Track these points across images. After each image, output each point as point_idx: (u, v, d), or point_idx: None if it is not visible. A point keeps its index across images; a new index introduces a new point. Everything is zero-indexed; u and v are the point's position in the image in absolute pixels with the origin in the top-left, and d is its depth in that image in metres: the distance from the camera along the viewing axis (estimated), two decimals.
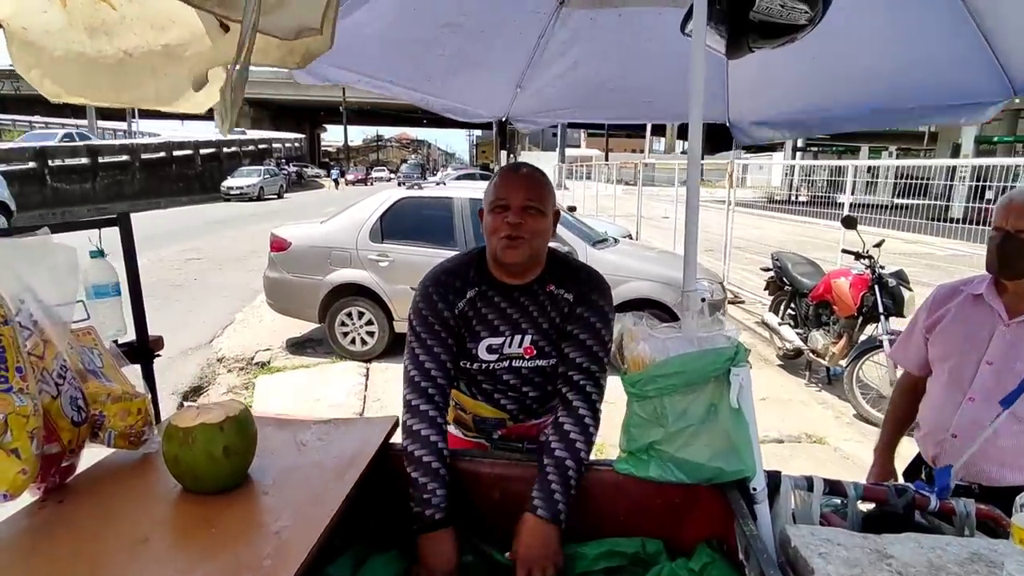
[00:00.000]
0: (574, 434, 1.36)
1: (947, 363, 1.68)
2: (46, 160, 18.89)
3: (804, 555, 1.06)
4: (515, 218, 1.36)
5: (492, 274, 1.47)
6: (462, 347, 1.48)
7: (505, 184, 1.40)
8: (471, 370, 1.51)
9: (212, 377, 5.31)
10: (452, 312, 1.43)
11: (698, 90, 1.30)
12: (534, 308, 1.46)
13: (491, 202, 1.41)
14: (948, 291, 1.75)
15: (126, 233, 1.43)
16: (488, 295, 1.45)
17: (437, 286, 1.45)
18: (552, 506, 1.28)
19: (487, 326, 1.46)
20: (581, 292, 1.47)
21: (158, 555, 0.99)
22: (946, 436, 1.64)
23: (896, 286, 4.30)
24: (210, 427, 1.14)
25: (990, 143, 19.38)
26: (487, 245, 1.45)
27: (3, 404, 0.99)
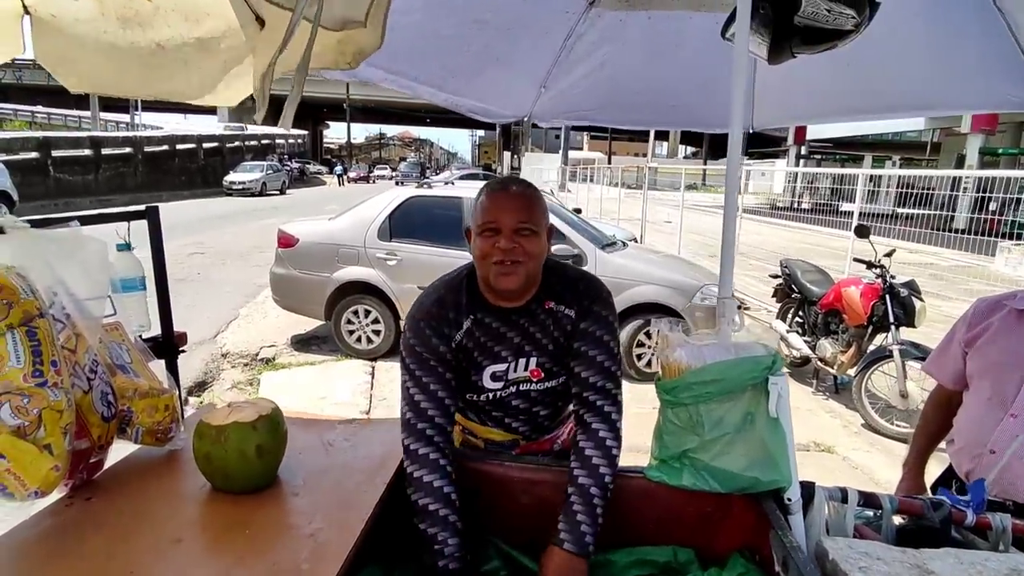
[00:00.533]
0: (596, 459, 1.29)
1: (988, 378, 1.65)
2: (49, 150, 18.84)
3: (844, 568, 1.05)
4: (507, 243, 1.26)
5: (485, 298, 1.36)
6: (465, 380, 1.40)
7: (494, 205, 1.29)
8: (479, 402, 1.44)
9: (216, 373, 5.28)
10: (449, 346, 1.32)
11: (739, 96, 1.29)
12: (535, 329, 1.37)
13: (480, 225, 1.29)
14: (990, 305, 1.71)
15: (154, 227, 1.41)
16: (485, 322, 1.36)
17: (429, 319, 1.33)
18: (579, 539, 1.22)
19: (487, 354, 1.37)
20: (583, 306, 1.38)
21: (193, 557, 0.98)
22: (983, 451, 1.61)
23: (908, 296, 4.29)
24: (243, 425, 1.12)
25: (994, 155, 19.39)
26: (478, 269, 1.34)
27: (38, 399, 0.98)
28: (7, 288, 0.99)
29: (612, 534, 1.32)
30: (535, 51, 2.15)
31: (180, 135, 27.88)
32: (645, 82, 2.30)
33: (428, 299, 1.37)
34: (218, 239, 12.65)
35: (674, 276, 5.35)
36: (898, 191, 8.10)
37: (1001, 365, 1.62)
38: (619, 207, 14.56)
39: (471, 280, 1.38)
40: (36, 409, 0.97)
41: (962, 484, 1.66)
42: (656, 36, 2.02)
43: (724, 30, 1.42)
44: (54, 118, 35.34)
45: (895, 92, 2.01)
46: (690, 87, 2.25)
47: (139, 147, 23.45)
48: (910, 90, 2.05)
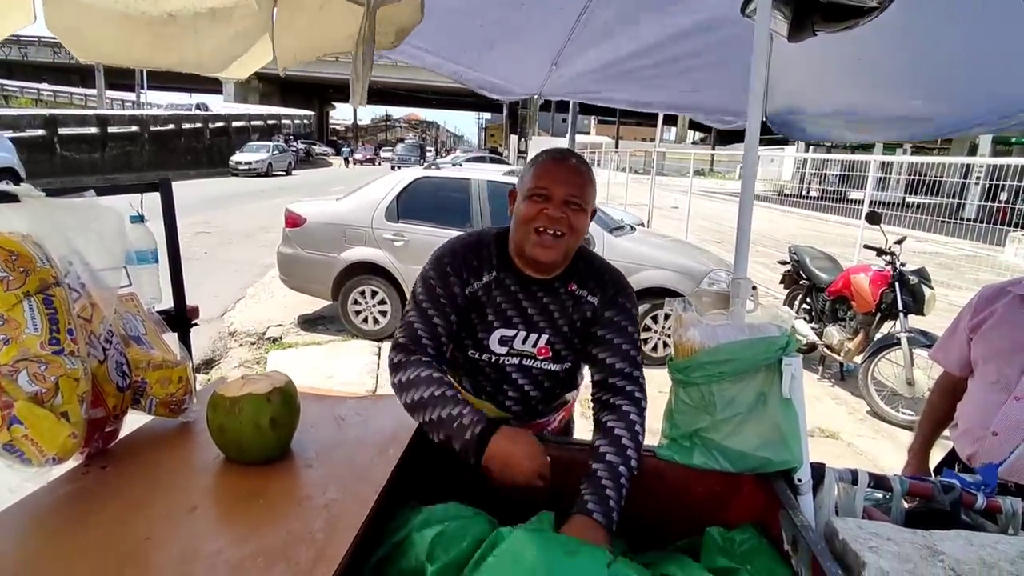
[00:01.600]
0: (625, 439, 1.26)
1: (992, 363, 1.67)
2: (56, 128, 18.83)
3: (854, 548, 1.05)
4: (556, 212, 1.24)
5: (514, 262, 1.35)
6: (472, 335, 1.38)
7: (549, 172, 1.28)
8: (479, 361, 1.40)
9: (224, 351, 5.31)
10: (463, 291, 1.32)
11: (761, 71, 1.27)
12: (555, 307, 1.36)
13: (529, 189, 1.27)
14: (994, 292, 1.73)
15: (167, 199, 1.41)
16: (505, 283, 1.34)
17: (454, 258, 1.33)
18: (608, 512, 1.16)
19: (500, 316, 1.35)
20: (607, 295, 1.37)
21: (209, 525, 0.99)
22: (986, 434, 1.63)
23: (918, 284, 4.26)
24: (257, 397, 1.13)
25: (1007, 144, 19.15)
26: (514, 232, 1.32)
27: (55, 367, 0.98)
28: (24, 256, 0.99)
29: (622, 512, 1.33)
30: (548, 27, 2.11)
31: (186, 114, 27.81)
32: (660, 64, 2.26)
33: (458, 241, 1.38)
34: (225, 219, 12.67)
35: (682, 260, 5.33)
36: (908, 179, 8.01)
37: (1005, 350, 1.64)
38: (626, 192, 14.48)
39: (502, 240, 1.37)
40: (53, 376, 0.97)
41: (965, 467, 1.68)
42: (671, 16, 1.99)
43: (744, 6, 1.39)
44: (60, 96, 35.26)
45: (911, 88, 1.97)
46: (706, 68, 2.21)
47: (145, 126, 23.42)
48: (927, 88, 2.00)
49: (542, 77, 2.43)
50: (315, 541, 0.93)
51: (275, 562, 0.88)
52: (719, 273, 5.19)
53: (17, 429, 0.94)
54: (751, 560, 1.13)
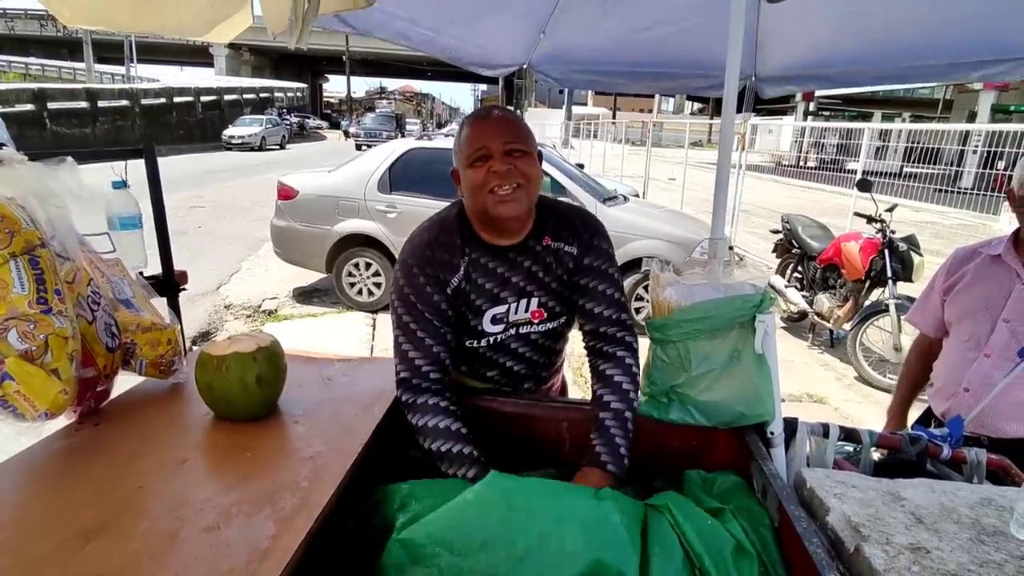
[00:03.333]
0: (626, 384, 1.31)
1: (964, 322, 1.71)
2: (45, 102, 18.58)
3: (820, 495, 1.10)
4: (502, 165, 1.20)
5: (481, 237, 1.30)
6: (464, 326, 1.33)
7: (479, 132, 1.23)
8: (479, 348, 1.38)
9: (220, 323, 5.35)
10: (445, 294, 1.27)
11: (737, 33, 1.27)
12: (537, 267, 1.33)
13: (467, 156, 1.22)
14: (967, 253, 1.76)
15: (151, 164, 1.42)
16: (481, 262, 1.29)
17: (424, 265, 1.26)
18: (619, 461, 1.22)
19: (487, 296, 1.31)
20: (583, 241, 1.36)
21: (198, 476, 1.02)
22: (958, 390, 1.68)
23: (907, 250, 4.29)
24: (243, 356, 1.16)
25: (1006, 112, 19.00)
26: (470, 204, 1.27)
27: (44, 325, 1.01)
28: (8, 218, 1.01)
29: None
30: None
31: (177, 87, 27.40)
32: (648, 29, 2.25)
33: (420, 240, 1.30)
34: (218, 193, 12.60)
35: (675, 230, 5.34)
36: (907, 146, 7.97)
37: (976, 309, 1.68)
38: (623, 164, 14.40)
39: (462, 219, 1.32)
40: (42, 335, 1.00)
41: (940, 424, 1.73)
42: None
43: None
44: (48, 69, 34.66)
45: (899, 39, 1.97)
46: (695, 35, 2.20)
47: (136, 100, 23.09)
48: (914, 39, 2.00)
49: (530, 46, 2.41)
50: (300, 489, 0.97)
51: (261, 507, 0.92)
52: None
53: (9, 385, 0.97)
54: (730, 500, 1.18)
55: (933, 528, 0.99)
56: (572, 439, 1.42)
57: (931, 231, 7.73)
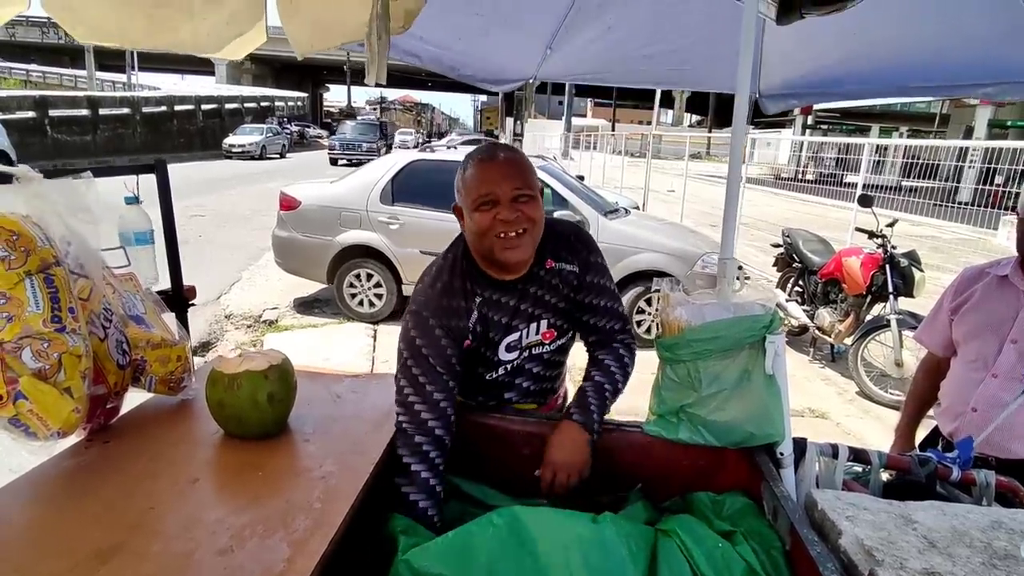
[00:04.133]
0: (613, 367, 1.40)
1: (972, 342, 1.71)
2: (46, 110, 18.62)
3: (832, 518, 1.09)
4: (509, 213, 1.20)
5: (488, 275, 1.31)
6: (481, 360, 1.35)
7: (486, 176, 1.22)
8: (497, 378, 1.40)
9: (220, 334, 5.34)
10: (459, 346, 1.27)
11: (747, 56, 1.28)
12: (543, 291, 1.36)
13: (474, 200, 1.22)
14: (974, 273, 1.77)
15: (163, 180, 1.43)
16: (492, 299, 1.31)
17: (440, 316, 1.25)
18: (588, 416, 1.30)
19: (499, 328, 1.33)
20: (582, 259, 1.39)
21: (210, 495, 1.02)
22: (966, 410, 1.68)
23: (908, 266, 4.31)
24: (255, 374, 1.16)
25: (1003, 127, 19.15)
26: (476, 245, 1.28)
27: (57, 344, 1.01)
28: (24, 236, 1.02)
29: (611, 486, 1.38)
30: (542, 11, 2.12)
31: (178, 96, 27.49)
32: (652, 46, 2.28)
33: (432, 291, 1.29)
34: (219, 202, 12.60)
35: (676, 243, 5.36)
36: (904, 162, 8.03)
37: (984, 329, 1.68)
38: (622, 175, 14.45)
39: (468, 259, 1.32)
40: (56, 353, 1.00)
41: (948, 443, 1.73)
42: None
43: None
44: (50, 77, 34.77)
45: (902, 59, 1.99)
46: (698, 51, 2.22)
47: (137, 107, 23.15)
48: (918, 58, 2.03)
49: (537, 62, 2.44)
50: (313, 510, 0.97)
51: (274, 529, 0.92)
52: (712, 256, 5.22)
53: (22, 404, 0.97)
54: (740, 522, 1.17)
55: (946, 552, 0.99)
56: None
57: (930, 245, 7.77)
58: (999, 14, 1.63)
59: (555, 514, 1.02)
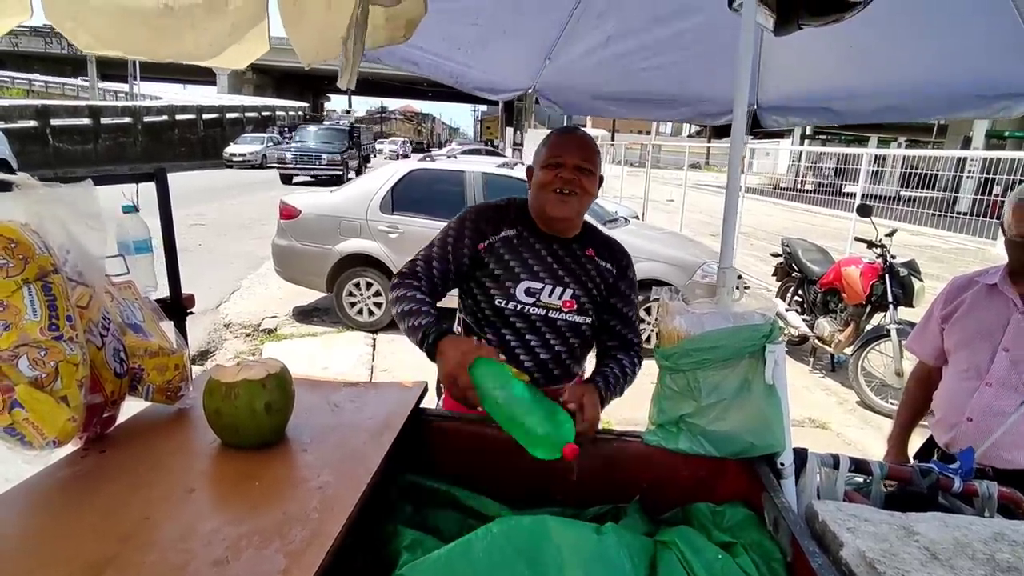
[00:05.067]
0: (627, 366, 1.53)
1: (963, 351, 1.73)
2: (48, 119, 18.69)
3: (833, 529, 1.09)
4: (569, 175, 1.43)
5: (535, 223, 1.53)
6: (498, 283, 1.50)
7: (560, 144, 1.47)
8: (506, 310, 1.51)
9: (219, 342, 5.33)
10: (475, 244, 1.50)
11: (745, 65, 1.29)
12: (576, 266, 1.53)
13: (544, 159, 1.46)
14: (964, 282, 1.79)
15: (162, 188, 1.43)
16: (527, 239, 1.51)
17: (476, 216, 1.53)
18: (606, 382, 1.44)
19: (526, 269, 1.50)
20: (621, 266, 1.58)
21: (207, 505, 1.01)
22: (961, 420, 1.69)
23: (907, 276, 4.31)
24: (253, 383, 1.15)
25: (1000, 137, 19.25)
26: (534, 199, 1.51)
27: (55, 352, 1.00)
28: (23, 244, 1.01)
29: (611, 495, 1.37)
30: (542, 21, 2.13)
31: (180, 105, 27.62)
32: (650, 59, 2.29)
33: (484, 204, 1.59)
34: (219, 210, 12.63)
35: (675, 253, 5.36)
36: (902, 172, 8.06)
37: (974, 338, 1.70)
38: (622, 185, 14.50)
39: (524, 205, 1.57)
40: (53, 362, 0.99)
41: (943, 453, 1.72)
42: (663, 11, 2.01)
43: (731, 1, 1.41)
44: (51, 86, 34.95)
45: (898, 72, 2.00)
46: (696, 64, 2.24)
47: (138, 117, 23.25)
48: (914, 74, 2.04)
49: (535, 71, 2.44)
50: (310, 521, 0.96)
51: (271, 540, 0.91)
52: (712, 265, 5.23)
53: (18, 412, 0.96)
54: (740, 534, 1.16)
55: (948, 564, 0.98)
56: (580, 468, 1.40)
57: (930, 255, 7.77)
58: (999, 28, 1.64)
59: (557, 524, 1.01)
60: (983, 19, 1.71)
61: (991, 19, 1.67)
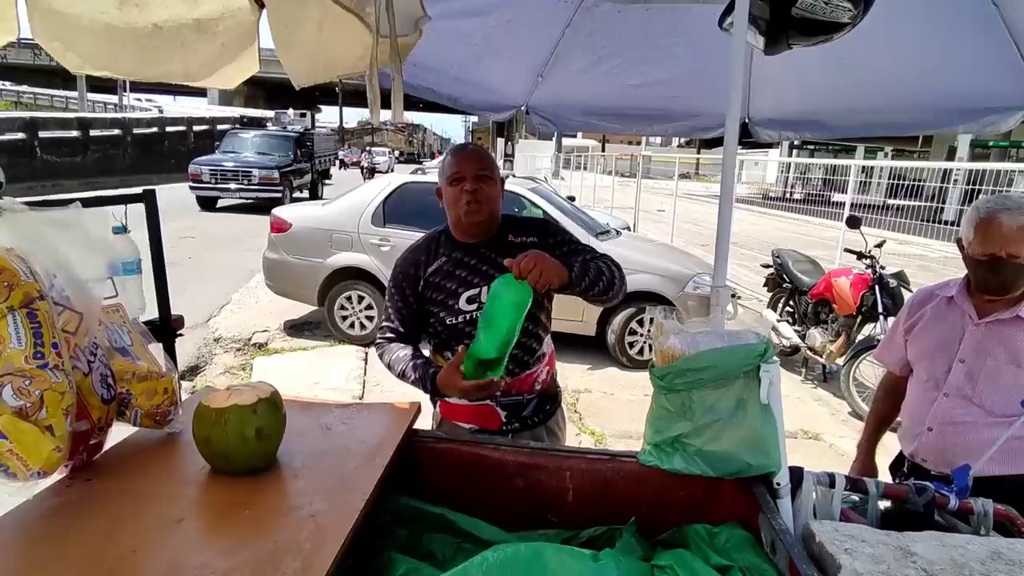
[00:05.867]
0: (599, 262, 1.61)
1: (923, 362, 1.78)
2: (36, 131, 18.55)
3: (830, 551, 1.08)
4: (472, 185, 1.58)
5: (457, 240, 1.68)
6: (444, 306, 1.66)
7: (457, 161, 1.63)
8: (457, 324, 1.66)
9: (209, 357, 5.27)
10: (416, 282, 1.66)
11: (736, 84, 1.30)
12: (503, 255, 1.55)
13: (448, 177, 1.62)
14: (925, 295, 1.84)
15: (151, 210, 1.41)
16: (456, 258, 1.66)
17: (405, 264, 1.71)
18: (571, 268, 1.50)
19: (462, 283, 1.65)
20: (539, 232, 1.71)
21: (195, 537, 0.99)
22: (922, 430, 1.74)
23: (896, 287, 4.35)
24: (243, 408, 1.13)
25: (985, 147, 19.53)
26: (449, 215, 1.67)
27: (39, 381, 0.98)
28: (7, 271, 0.99)
29: (606, 516, 1.35)
30: (534, 41, 2.15)
31: (170, 117, 27.54)
32: (641, 76, 2.30)
33: (408, 250, 1.75)
34: (210, 224, 12.56)
35: (667, 265, 5.37)
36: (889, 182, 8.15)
37: (933, 350, 1.74)
38: (612, 195, 14.56)
39: (443, 233, 1.72)
40: (38, 391, 0.97)
41: (913, 465, 1.78)
42: (653, 28, 2.03)
43: (721, 20, 1.42)
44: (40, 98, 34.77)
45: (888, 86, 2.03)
46: (687, 81, 2.25)
47: (128, 129, 23.12)
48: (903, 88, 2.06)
49: (528, 89, 2.45)
50: (302, 551, 0.94)
51: (261, 573, 0.89)
52: (703, 277, 5.24)
53: (2, 444, 0.94)
54: (737, 556, 1.15)
55: None
56: (575, 489, 1.39)
57: (918, 264, 7.84)
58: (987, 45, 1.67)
59: (553, 552, 1.00)
60: (972, 36, 1.74)
61: (980, 36, 1.70)
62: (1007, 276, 1.56)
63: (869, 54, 1.91)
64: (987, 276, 1.60)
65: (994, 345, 1.63)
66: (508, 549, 0.99)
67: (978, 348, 1.65)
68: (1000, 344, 1.62)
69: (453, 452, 1.43)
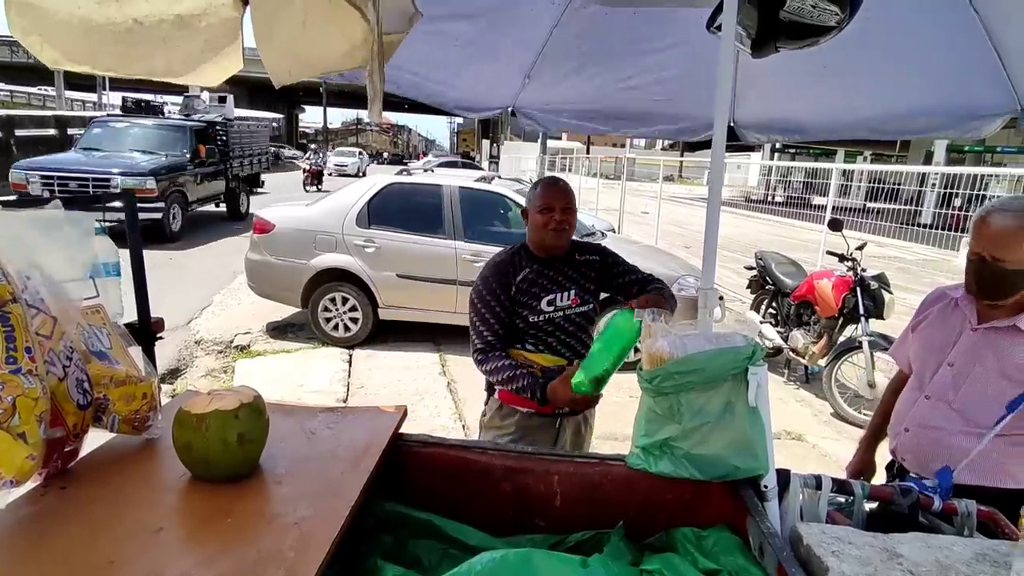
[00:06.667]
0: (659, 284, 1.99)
1: (917, 362, 1.76)
2: (12, 129, 18.16)
3: (817, 553, 1.08)
4: (560, 216, 1.90)
5: (537, 255, 1.98)
6: (529, 307, 1.93)
7: (549, 194, 1.93)
8: (538, 323, 1.94)
9: (190, 360, 5.18)
10: (508, 291, 1.92)
11: (725, 86, 1.30)
12: (572, 271, 1.99)
13: (539, 206, 1.91)
14: (937, 294, 1.81)
15: (130, 211, 1.38)
16: (538, 269, 1.96)
17: (498, 273, 1.95)
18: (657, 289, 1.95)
19: (544, 288, 1.95)
20: (600, 252, 2.07)
21: (174, 546, 0.96)
22: (901, 429, 1.72)
23: (877, 289, 4.40)
24: (225, 414, 1.11)
25: (960, 152, 19.94)
26: (532, 236, 1.98)
27: (12, 386, 0.95)
28: None
29: (594, 520, 1.35)
30: (521, 42, 2.14)
31: None
32: (628, 78, 2.31)
33: (493, 262, 2.00)
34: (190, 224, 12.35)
35: (652, 266, 5.39)
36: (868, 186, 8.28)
37: (928, 350, 1.72)
38: (597, 197, 14.62)
39: (523, 248, 2.01)
40: (10, 397, 0.94)
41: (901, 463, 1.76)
42: (640, 31, 2.03)
43: (709, 23, 1.43)
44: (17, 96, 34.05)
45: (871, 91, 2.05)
46: (673, 83, 2.26)
47: None
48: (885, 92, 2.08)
49: (515, 90, 2.44)
50: (285, 560, 0.92)
51: None
52: (688, 279, 5.27)
53: None
54: (725, 560, 1.15)
55: None
56: (563, 493, 1.38)
57: (897, 266, 7.97)
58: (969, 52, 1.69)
59: (542, 558, 0.99)
60: (953, 43, 1.76)
61: (961, 43, 1.72)
62: (987, 278, 1.52)
63: (853, 61, 1.93)
64: (970, 277, 1.57)
65: (986, 352, 1.58)
66: (496, 556, 0.98)
67: (969, 353, 1.61)
68: (992, 352, 1.57)
69: (439, 456, 1.41)
